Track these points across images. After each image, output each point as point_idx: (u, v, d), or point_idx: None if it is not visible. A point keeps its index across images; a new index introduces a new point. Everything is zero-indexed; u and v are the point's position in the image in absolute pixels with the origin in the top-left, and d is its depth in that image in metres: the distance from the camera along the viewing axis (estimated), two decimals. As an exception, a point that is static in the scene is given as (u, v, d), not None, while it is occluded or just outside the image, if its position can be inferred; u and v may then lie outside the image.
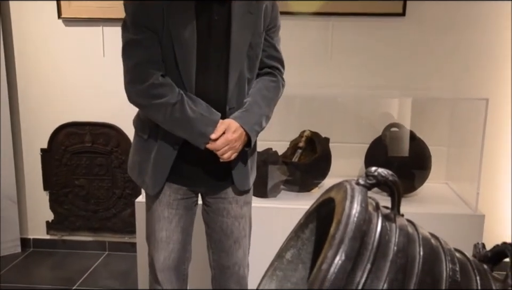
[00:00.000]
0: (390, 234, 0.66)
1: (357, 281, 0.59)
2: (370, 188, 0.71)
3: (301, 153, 2.64)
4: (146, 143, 1.72)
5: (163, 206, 1.76)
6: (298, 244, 0.93)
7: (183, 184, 1.76)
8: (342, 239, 0.60)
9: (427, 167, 2.59)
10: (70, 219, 3.16)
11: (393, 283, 0.60)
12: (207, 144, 1.61)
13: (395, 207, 0.72)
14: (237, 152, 1.64)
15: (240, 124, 1.63)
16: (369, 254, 0.61)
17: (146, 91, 1.58)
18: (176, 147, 1.67)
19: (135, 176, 1.81)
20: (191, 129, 1.60)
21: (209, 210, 1.84)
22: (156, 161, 1.70)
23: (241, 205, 1.82)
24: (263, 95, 1.71)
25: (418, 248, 0.66)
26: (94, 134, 3.05)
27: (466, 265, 0.70)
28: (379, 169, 0.72)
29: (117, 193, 3.09)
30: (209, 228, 1.87)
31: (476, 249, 0.81)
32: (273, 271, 0.94)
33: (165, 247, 1.80)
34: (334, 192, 0.76)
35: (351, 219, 0.62)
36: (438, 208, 2.48)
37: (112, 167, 3.07)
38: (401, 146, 2.60)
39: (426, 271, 0.63)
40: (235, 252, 1.85)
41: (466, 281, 0.66)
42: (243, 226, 1.84)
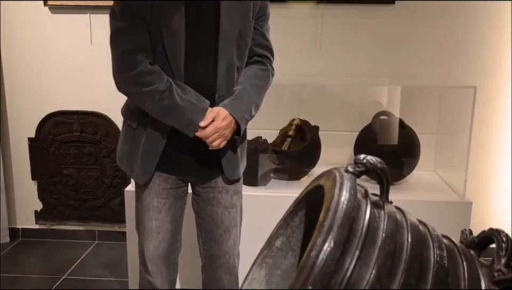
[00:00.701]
0: (379, 221, 0.66)
1: (346, 268, 0.60)
2: (359, 176, 0.71)
3: (291, 142, 2.64)
4: (135, 132, 1.71)
5: (152, 195, 1.76)
6: (288, 232, 0.93)
7: (172, 173, 1.75)
8: (331, 226, 0.60)
9: (416, 155, 2.60)
10: (59, 209, 3.14)
11: (381, 269, 0.60)
12: (196, 132, 1.60)
13: (383, 194, 0.73)
14: (226, 140, 1.64)
15: (230, 112, 1.62)
16: (357, 240, 0.62)
17: (135, 79, 1.56)
18: (165, 136, 1.66)
19: (124, 165, 1.80)
20: (180, 117, 1.59)
21: (199, 200, 1.84)
22: (145, 150, 1.69)
23: (232, 194, 1.82)
24: (252, 83, 1.70)
25: (407, 234, 0.67)
26: (82, 123, 3.02)
27: (453, 251, 0.71)
28: (368, 157, 0.72)
29: (106, 182, 3.08)
30: (199, 218, 1.87)
31: (463, 235, 0.82)
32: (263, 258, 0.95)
33: (154, 237, 1.80)
34: (323, 179, 0.76)
35: (340, 207, 0.62)
36: (426, 195, 2.50)
37: (101, 156, 3.05)
38: (391, 134, 2.61)
39: (414, 256, 0.63)
40: (225, 241, 1.85)
41: (454, 266, 0.67)
42: (233, 216, 1.84)
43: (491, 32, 2.73)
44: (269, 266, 0.94)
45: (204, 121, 1.59)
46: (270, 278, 0.94)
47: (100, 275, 2.75)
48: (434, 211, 2.27)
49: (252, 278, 0.94)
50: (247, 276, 0.94)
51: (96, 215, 3.14)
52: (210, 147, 1.63)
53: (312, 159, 2.60)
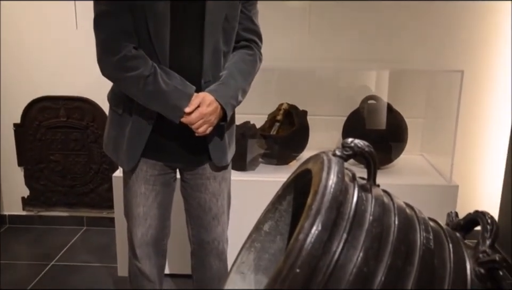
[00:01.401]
0: (366, 204, 0.67)
1: (333, 250, 0.60)
2: (346, 160, 0.71)
3: (279, 126, 2.64)
4: (120, 118, 1.70)
5: (140, 182, 1.75)
6: (276, 216, 0.94)
7: (159, 159, 1.74)
8: (319, 210, 0.60)
9: (403, 139, 2.62)
10: (46, 195, 3.12)
11: (368, 252, 0.61)
12: (181, 117, 1.58)
13: (371, 178, 0.73)
14: (212, 126, 1.62)
15: (215, 97, 1.60)
16: (345, 223, 0.62)
17: (119, 63, 1.54)
18: (150, 122, 1.64)
19: (110, 151, 1.79)
20: (165, 103, 1.57)
21: (187, 186, 1.83)
22: (131, 136, 1.67)
23: (219, 181, 1.81)
24: (239, 68, 1.68)
25: (394, 217, 0.67)
26: (69, 109, 2.99)
27: (439, 233, 0.71)
28: (355, 140, 0.72)
29: (94, 168, 3.06)
30: (187, 204, 1.87)
31: (449, 217, 0.83)
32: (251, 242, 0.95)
33: (142, 223, 1.80)
34: (311, 163, 0.77)
35: (328, 190, 0.63)
36: (414, 179, 2.52)
37: (88, 142, 3.03)
38: (379, 119, 2.63)
39: (401, 239, 0.64)
40: (214, 228, 1.85)
41: (440, 248, 0.67)
42: (221, 203, 1.84)
43: (478, 17, 2.74)
44: (258, 250, 0.95)
45: (189, 107, 1.57)
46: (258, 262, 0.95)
47: (88, 261, 2.75)
48: (421, 195, 2.30)
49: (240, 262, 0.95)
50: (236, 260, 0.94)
51: (84, 201, 3.13)
52: (196, 133, 1.61)
53: (300, 144, 2.60)
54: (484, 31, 2.76)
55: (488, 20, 2.75)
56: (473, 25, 2.76)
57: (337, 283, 0.59)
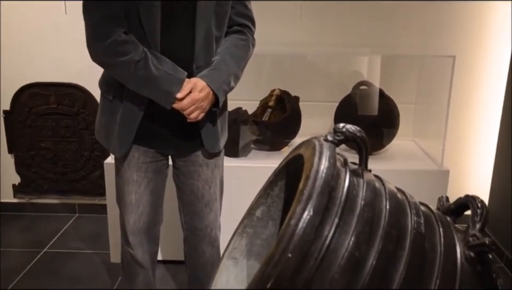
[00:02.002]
0: (358, 189, 0.67)
1: (325, 235, 0.60)
2: (338, 145, 0.71)
3: (271, 112, 2.64)
4: (111, 104, 1.68)
5: (132, 169, 1.74)
6: (268, 202, 0.94)
7: (151, 146, 1.73)
8: (311, 194, 0.60)
9: (395, 125, 2.63)
10: (38, 182, 3.11)
11: (360, 236, 0.61)
12: (173, 103, 1.57)
13: (363, 163, 0.73)
14: (204, 112, 1.61)
15: (207, 83, 1.59)
16: (337, 208, 0.62)
17: (109, 48, 1.52)
18: (142, 108, 1.63)
19: (101, 138, 1.78)
20: (156, 88, 1.56)
21: (179, 173, 1.83)
22: (122, 123, 1.66)
23: (212, 168, 1.81)
24: (231, 53, 1.67)
25: (385, 202, 0.67)
26: (59, 95, 2.96)
27: (430, 217, 0.72)
28: (347, 126, 0.72)
29: (85, 155, 3.04)
30: (180, 191, 1.87)
31: (440, 202, 0.84)
32: (243, 228, 0.95)
33: (134, 210, 1.79)
34: (302, 148, 0.77)
35: (319, 175, 0.63)
36: (405, 164, 2.54)
37: (79, 129, 3.01)
38: (371, 104, 2.63)
39: (392, 223, 0.64)
40: (206, 215, 1.85)
41: (430, 232, 0.68)
42: (214, 190, 1.84)
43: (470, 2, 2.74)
44: (250, 236, 0.95)
45: (181, 93, 1.55)
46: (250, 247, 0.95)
47: (80, 248, 2.75)
48: (412, 180, 2.31)
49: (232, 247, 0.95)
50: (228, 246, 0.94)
51: (76, 188, 3.11)
52: (188, 119, 1.60)
53: (292, 130, 2.60)
54: (475, 16, 2.76)
55: (480, 5, 2.75)
56: (465, 10, 2.75)
57: (328, 267, 0.60)
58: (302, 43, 2.81)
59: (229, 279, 0.90)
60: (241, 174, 2.37)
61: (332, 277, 0.60)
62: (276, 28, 2.77)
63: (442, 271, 0.63)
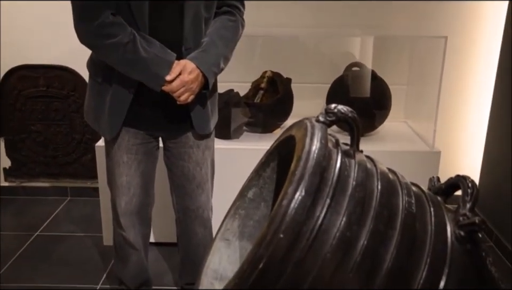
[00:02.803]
0: (349, 170, 0.67)
1: (317, 216, 0.60)
2: (330, 125, 0.71)
3: (263, 94, 2.63)
4: (100, 87, 1.67)
5: (122, 151, 1.74)
6: (260, 183, 0.94)
7: (141, 128, 1.72)
8: (302, 175, 0.60)
9: (387, 107, 2.63)
10: (29, 166, 3.09)
11: (351, 217, 0.61)
12: (162, 86, 1.56)
13: (354, 143, 0.73)
14: (194, 94, 1.61)
15: (197, 65, 1.58)
16: (328, 189, 0.62)
17: (96, 30, 1.50)
18: (131, 90, 1.62)
19: (91, 121, 1.77)
20: (145, 71, 1.54)
21: (170, 155, 1.83)
22: (111, 105, 1.65)
23: (203, 150, 1.80)
24: (221, 35, 1.65)
25: (376, 182, 0.68)
26: (49, 77, 2.93)
27: (421, 197, 0.72)
28: (339, 106, 0.72)
29: (76, 138, 3.02)
30: (171, 173, 1.87)
31: (431, 182, 0.84)
32: (235, 210, 0.95)
33: (125, 192, 1.79)
34: (294, 130, 0.76)
35: (311, 156, 0.62)
36: (397, 145, 2.55)
37: (70, 112, 2.98)
38: (363, 86, 2.62)
39: (384, 203, 0.64)
40: (198, 196, 1.85)
41: (421, 212, 0.68)
42: (205, 171, 1.84)
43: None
44: (242, 217, 0.95)
45: (170, 75, 1.54)
46: (243, 228, 0.95)
47: (73, 231, 2.75)
48: (404, 161, 2.32)
49: (225, 229, 0.95)
50: (220, 227, 0.95)
51: (68, 171, 3.10)
52: (178, 102, 1.60)
53: (284, 112, 2.60)
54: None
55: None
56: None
57: (320, 247, 0.60)
58: (294, 24, 2.79)
59: (222, 260, 0.91)
60: (233, 156, 2.36)
61: (323, 257, 0.60)
62: (267, 9, 2.74)
63: (433, 249, 0.64)
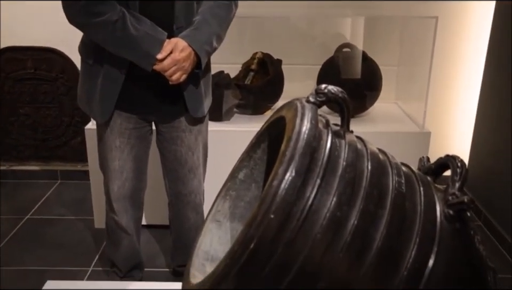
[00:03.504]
0: (340, 150, 0.67)
1: (307, 196, 0.60)
2: (320, 106, 0.71)
3: (253, 76, 2.62)
4: (91, 69, 1.65)
5: (114, 135, 1.72)
6: (251, 164, 0.94)
7: (133, 112, 1.71)
8: (292, 156, 0.60)
9: (378, 88, 2.63)
10: (18, 149, 3.07)
11: (341, 197, 0.61)
12: (154, 65, 1.54)
13: (344, 124, 0.73)
14: (186, 73, 1.59)
15: (188, 43, 1.56)
16: (319, 169, 0.62)
17: (85, 8, 1.48)
18: (123, 72, 1.60)
19: (83, 105, 1.75)
20: (136, 50, 1.52)
21: (162, 139, 1.82)
22: (103, 87, 1.63)
23: (195, 134, 1.79)
24: (213, 13, 1.63)
25: (367, 162, 0.68)
26: (36, 60, 2.89)
27: (411, 177, 0.72)
28: (329, 86, 0.71)
29: (66, 121, 3.00)
30: (163, 157, 1.86)
31: (421, 162, 0.84)
32: (226, 191, 0.95)
33: (118, 177, 1.79)
34: (284, 110, 0.76)
35: (301, 136, 0.62)
36: (387, 126, 2.56)
37: (59, 94, 2.95)
38: (353, 67, 2.62)
39: (374, 183, 0.64)
40: (190, 181, 1.85)
41: (411, 192, 0.68)
42: (197, 156, 1.83)
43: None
44: (233, 199, 0.95)
45: (161, 54, 1.52)
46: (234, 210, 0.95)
47: (64, 214, 2.74)
48: (394, 142, 2.34)
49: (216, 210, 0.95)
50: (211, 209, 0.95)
51: (57, 154, 3.08)
52: (170, 81, 1.58)
53: (275, 93, 2.59)
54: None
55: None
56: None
57: (310, 228, 0.60)
58: (284, 5, 2.76)
59: (213, 241, 0.91)
60: (224, 138, 2.36)
61: (314, 237, 0.60)
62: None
63: (422, 229, 0.64)
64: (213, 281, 0.64)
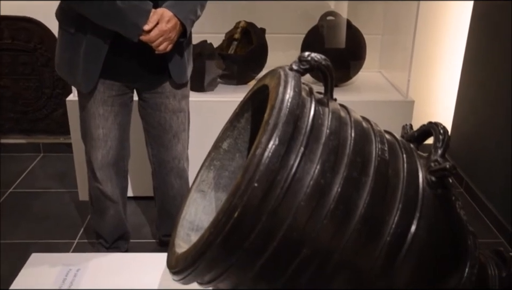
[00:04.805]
0: (323, 118, 0.66)
1: (291, 164, 0.60)
2: (303, 74, 0.70)
3: (237, 45, 2.59)
4: (73, 38, 1.61)
5: (98, 104, 1.71)
6: (235, 134, 0.93)
7: (117, 79, 1.69)
8: (276, 124, 0.60)
9: (362, 56, 2.62)
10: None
11: (325, 164, 0.62)
12: (140, 36, 1.53)
13: (328, 92, 0.73)
14: (172, 43, 1.58)
15: (174, 13, 1.54)
16: (302, 137, 0.62)
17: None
18: (107, 41, 1.57)
19: (64, 74, 1.72)
20: (122, 21, 1.50)
21: (146, 106, 1.81)
22: (86, 57, 1.60)
23: (179, 99, 1.79)
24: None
25: (350, 130, 0.68)
26: (13, 29, 2.81)
27: (394, 144, 0.73)
28: (312, 54, 0.71)
29: (47, 93, 2.95)
30: (147, 124, 1.85)
31: (404, 130, 0.85)
32: (210, 161, 0.95)
33: (102, 145, 1.78)
34: (268, 79, 0.75)
35: (285, 104, 0.62)
36: (371, 95, 2.56)
37: (38, 66, 2.89)
38: (338, 36, 2.60)
39: (357, 151, 0.65)
40: (174, 146, 1.85)
41: (394, 159, 0.69)
42: (181, 120, 1.83)
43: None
44: (217, 168, 0.95)
45: (148, 25, 1.51)
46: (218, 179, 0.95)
47: (48, 187, 2.72)
48: (378, 111, 2.34)
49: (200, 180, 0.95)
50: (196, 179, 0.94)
51: (40, 127, 3.04)
52: (156, 51, 1.57)
53: (259, 63, 2.57)
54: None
55: None
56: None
57: (294, 195, 0.60)
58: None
59: (198, 211, 0.91)
60: (208, 108, 2.35)
61: (298, 205, 0.60)
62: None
63: (404, 195, 0.65)
64: (198, 250, 0.64)
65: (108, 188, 1.86)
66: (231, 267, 0.64)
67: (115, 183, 1.88)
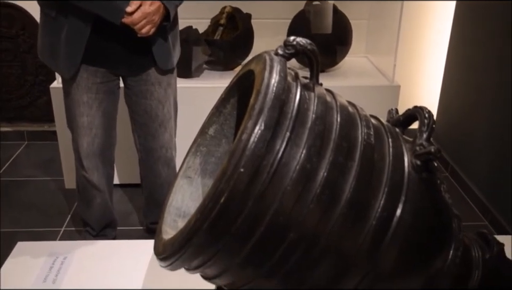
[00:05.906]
0: (309, 103, 0.66)
1: (277, 149, 0.60)
2: (289, 58, 0.70)
3: (223, 31, 2.57)
4: (54, 22, 1.58)
5: (82, 91, 1.69)
6: (221, 120, 0.93)
7: (101, 65, 1.67)
8: (261, 109, 0.60)
9: (348, 41, 2.62)
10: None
11: (311, 149, 0.62)
12: (123, 18, 1.50)
13: (314, 76, 0.72)
14: (155, 26, 1.56)
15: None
16: (288, 122, 0.62)
17: None
18: (88, 24, 1.55)
19: (46, 59, 1.69)
20: (104, 3, 1.48)
21: (131, 93, 1.79)
22: (68, 41, 1.58)
23: (165, 87, 1.78)
24: (180, -36, 1.59)
25: (336, 115, 0.68)
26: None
27: (380, 129, 0.73)
28: (297, 39, 0.70)
29: (30, 80, 2.90)
30: (133, 112, 1.84)
31: (390, 114, 0.85)
32: (197, 147, 0.94)
33: (87, 133, 1.76)
34: (253, 64, 0.75)
35: (270, 89, 0.61)
36: (358, 80, 2.57)
37: (21, 52, 2.84)
38: (324, 21, 2.59)
39: (343, 136, 0.65)
40: (161, 135, 1.84)
41: (380, 143, 0.69)
42: (167, 109, 1.82)
43: None
44: (204, 154, 0.95)
45: (131, 7, 1.49)
46: (205, 165, 0.95)
47: (34, 176, 2.70)
48: (365, 96, 2.35)
49: (187, 166, 0.94)
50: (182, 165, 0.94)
51: (23, 115, 3.00)
52: (139, 34, 1.55)
53: (245, 48, 2.56)
54: None
55: None
56: None
57: (280, 180, 0.60)
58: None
59: (184, 197, 0.91)
60: (194, 94, 2.33)
61: (284, 190, 0.60)
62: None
63: (390, 179, 0.65)
64: (185, 236, 0.64)
65: (94, 178, 1.85)
66: (218, 253, 0.64)
67: (101, 173, 1.86)
